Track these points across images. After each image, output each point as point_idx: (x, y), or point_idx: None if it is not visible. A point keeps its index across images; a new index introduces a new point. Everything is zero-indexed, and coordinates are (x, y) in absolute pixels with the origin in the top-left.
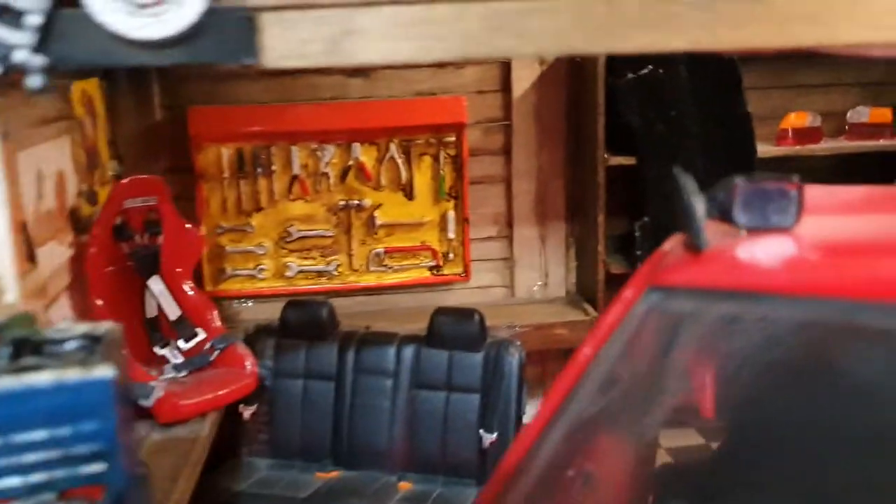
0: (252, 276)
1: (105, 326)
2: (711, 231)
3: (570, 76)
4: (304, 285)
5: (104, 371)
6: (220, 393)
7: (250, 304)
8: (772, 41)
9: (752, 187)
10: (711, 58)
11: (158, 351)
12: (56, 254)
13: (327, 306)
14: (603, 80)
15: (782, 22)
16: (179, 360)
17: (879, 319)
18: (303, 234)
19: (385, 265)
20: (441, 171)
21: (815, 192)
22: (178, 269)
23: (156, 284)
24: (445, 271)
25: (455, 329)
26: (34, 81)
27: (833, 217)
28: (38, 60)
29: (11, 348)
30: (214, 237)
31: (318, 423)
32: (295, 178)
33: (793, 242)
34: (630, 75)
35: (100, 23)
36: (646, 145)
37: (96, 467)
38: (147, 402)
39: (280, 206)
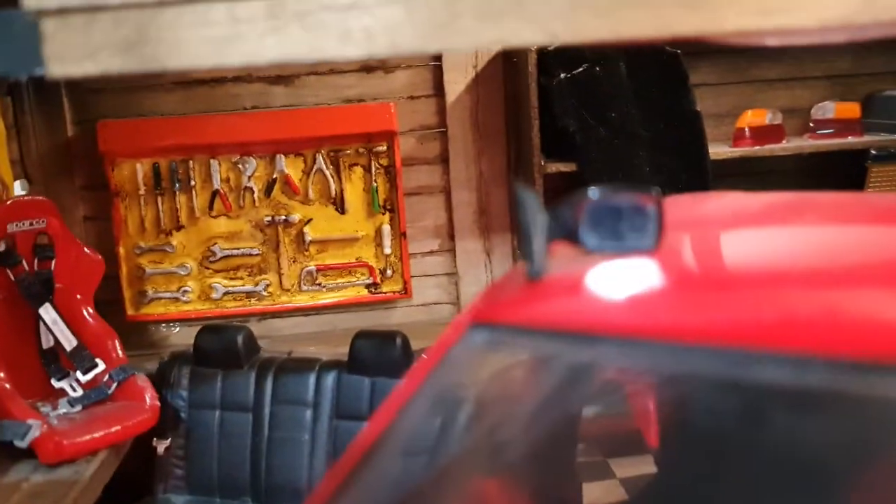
0: (176, 299)
1: None
2: (562, 255)
3: (506, 78)
4: (233, 307)
5: None
6: (112, 430)
7: (177, 328)
8: (643, 30)
9: (601, 203)
10: (653, 53)
11: (56, 384)
12: None
13: (244, 331)
14: (535, 80)
15: (656, 7)
16: (79, 392)
17: (722, 367)
18: (228, 252)
19: (319, 284)
20: (374, 183)
21: (708, 202)
22: (77, 296)
23: (47, 313)
24: (384, 289)
25: (377, 353)
26: None
27: (718, 234)
28: None
29: None
30: (134, 258)
31: (236, 457)
32: (216, 192)
33: (644, 270)
34: (563, 75)
35: None
36: (586, 150)
37: None
38: (22, 443)
39: (202, 223)
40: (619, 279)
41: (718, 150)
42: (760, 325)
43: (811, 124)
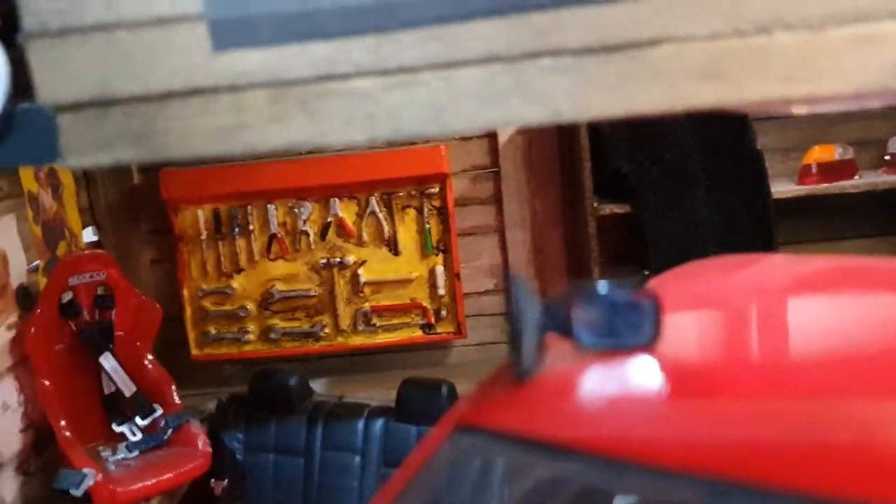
0: (237, 340)
1: None
2: (556, 351)
3: None
4: (291, 347)
5: None
6: (164, 477)
7: (238, 368)
8: (656, 105)
9: (593, 297)
10: None
11: (116, 428)
12: None
13: (296, 376)
14: (585, 123)
15: (669, 81)
16: (138, 436)
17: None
18: (285, 294)
19: (373, 325)
20: (426, 224)
21: (740, 271)
22: (136, 343)
23: (107, 361)
24: (439, 329)
25: (423, 402)
26: None
27: (734, 321)
28: None
29: None
30: (197, 300)
31: (290, 502)
32: (273, 236)
33: (637, 374)
34: None
35: None
36: (640, 192)
37: None
38: (77, 492)
39: (260, 266)
40: (608, 386)
41: (783, 189)
42: (764, 457)
43: (887, 157)
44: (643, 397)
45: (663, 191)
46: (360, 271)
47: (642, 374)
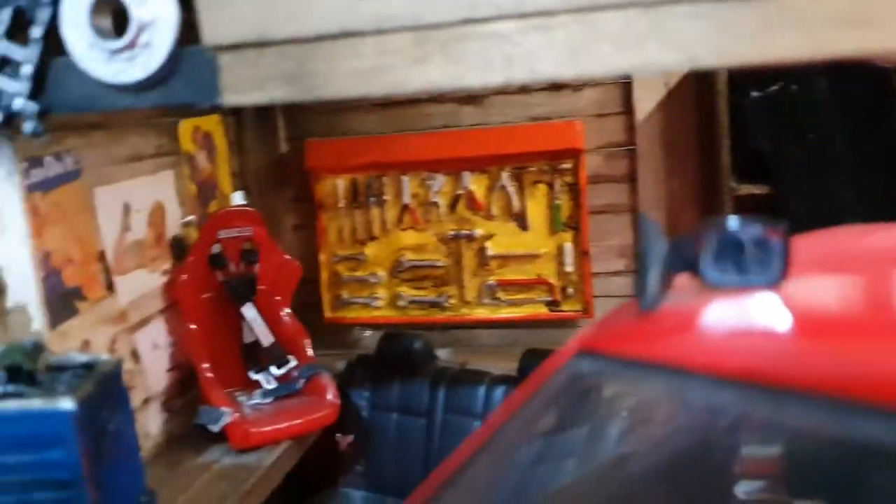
0: (367, 305)
1: (104, 359)
2: (683, 289)
3: (699, 95)
4: (417, 316)
5: (66, 403)
6: (295, 423)
7: (368, 333)
8: (794, 53)
9: (723, 235)
10: (859, 68)
11: (253, 376)
12: (145, 281)
13: (421, 340)
14: (725, 99)
15: (809, 28)
16: (272, 385)
17: (825, 420)
18: (414, 263)
19: (498, 298)
20: (556, 200)
21: (870, 236)
22: (276, 298)
23: (248, 311)
24: (564, 307)
25: None
26: (28, 127)
27: (857, 273)
28: (32, 107)
29: (5, 375)
30: (332, 265)
31: (411, 460)
32: (406, 207)
33: (766, 310)
34: (755, 93)
35: (82, 70)
36: (780, 173)
37: (62, 495)
38: (214, 428)
39: (392, 235)
40: (733, 318)
41: None
42: (871, 379)
43: None
44: (764, 330)
45: (805, 173)
46: (488, 244)
47: (765, 310)
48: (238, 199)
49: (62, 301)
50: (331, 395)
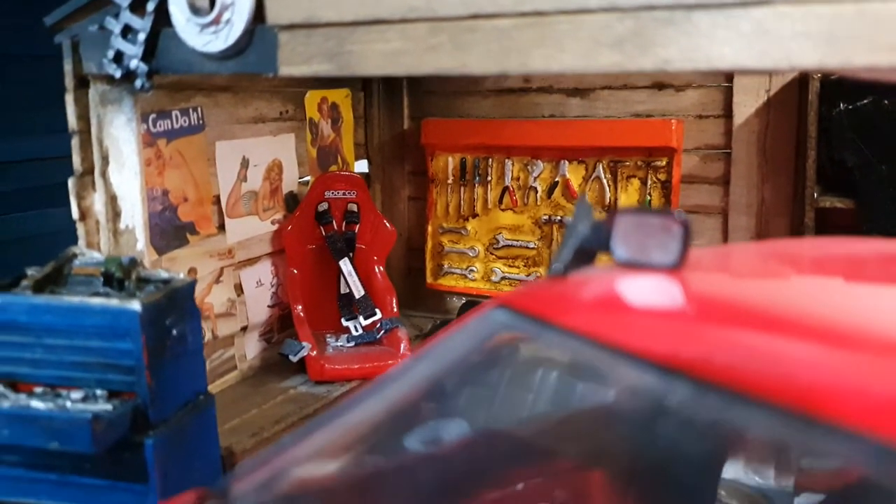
0: (464, 276)
1: (180, 277)
2: (598, 265)
3: (800, 105)
4: (507, 291)
5: (135, 304)
6: (367, 366)
7: (462, 300)
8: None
9: (631, 219)
10: None
11: (344, 322)
12: (255, 227)
13: None
14: (815, 109)
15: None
16: (359, 332)
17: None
18: (509, 243)
19: None
20: (648, 196)
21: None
22: (373, 257)
23: (345, 265)
24: None
25: None
26: (139, 83)
27: (777, 273)
28: (143, 67)
29: (102, 279)
30: (438, 236)
31: None
32: (506, 189)
33: (653, 288)
34: (843, 106)
35: (181, 39)
36: (864, 188)
37: (127, 378)
38: (293, 358)
39: (492, 214)
40: (627, 291)
41: None
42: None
43: None
44: (650, 304)
45: (889, 189)
46: None
47: (654, 287)
48: (362, 166)
49: (174, 232)
50: (403, 346)
